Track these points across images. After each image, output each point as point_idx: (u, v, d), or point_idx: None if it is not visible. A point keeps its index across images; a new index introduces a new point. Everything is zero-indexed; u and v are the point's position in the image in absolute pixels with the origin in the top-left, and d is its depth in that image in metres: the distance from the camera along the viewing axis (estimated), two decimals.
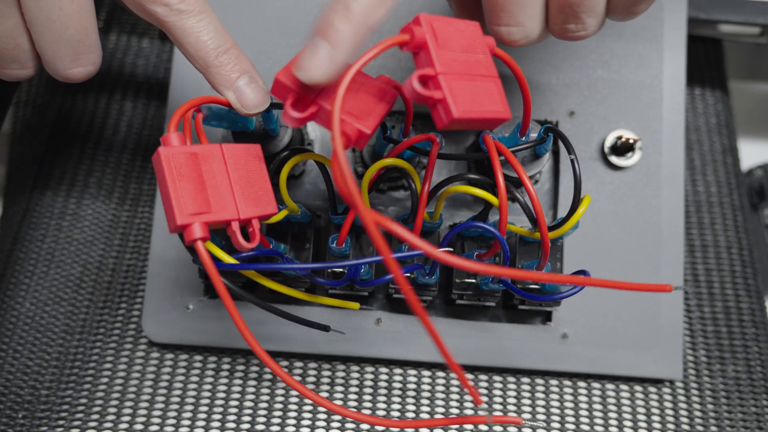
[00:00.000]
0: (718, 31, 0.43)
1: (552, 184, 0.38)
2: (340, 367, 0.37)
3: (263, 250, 0.31)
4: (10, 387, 0.37)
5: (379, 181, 0.31)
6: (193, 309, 0.36)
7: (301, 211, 0.32)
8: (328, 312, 0.36)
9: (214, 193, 0.25)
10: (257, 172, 0.27)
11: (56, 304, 0.39)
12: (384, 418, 0.36)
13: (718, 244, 0.42)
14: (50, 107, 0.45)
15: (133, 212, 0.42)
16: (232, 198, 0.26)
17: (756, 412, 0.38)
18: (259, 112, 0.28)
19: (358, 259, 0.28)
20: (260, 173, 0.28)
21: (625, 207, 0.37)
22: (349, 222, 0.30)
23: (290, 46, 0.37)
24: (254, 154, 0.28)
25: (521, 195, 0.30)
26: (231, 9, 0.38)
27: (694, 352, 0.39)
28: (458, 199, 0.38)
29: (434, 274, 0.32)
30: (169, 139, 0.25)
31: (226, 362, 0.37)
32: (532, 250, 0.34)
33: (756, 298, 0.41)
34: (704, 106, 0.46)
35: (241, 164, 0.27)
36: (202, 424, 0.36)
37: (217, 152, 0.26)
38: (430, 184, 0.28)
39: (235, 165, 0.26)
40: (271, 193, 0.28)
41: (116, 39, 0.47)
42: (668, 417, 0.37)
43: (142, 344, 0.38)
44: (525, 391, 0.37)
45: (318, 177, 0.38)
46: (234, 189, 0.26)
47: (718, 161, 0.44)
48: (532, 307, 0.35)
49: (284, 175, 0.29)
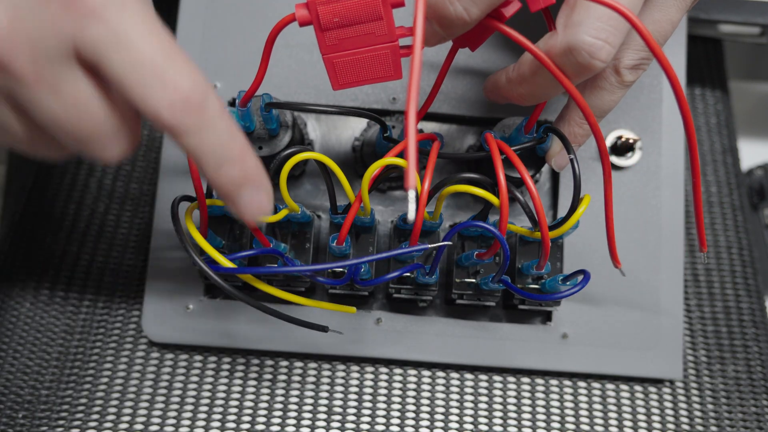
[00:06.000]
0: (718, 31, 0.43)
1: (552, 184, 0.38)
2: (340, 367, 0.37)
3: (263, 250, 0.31)
4: (10, 387, 0.37)
5: (379, 181, 0.31)
6: (193, 309, 0.36)
7: (301, 211, 0.32)
8: (328, 312, 0.36)
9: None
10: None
11: (56, 304, 0.39)
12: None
13: (718, 244, 0.42)
14: None
15: (133, 212, 0.42)
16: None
17: (756, 412, 0.38)
18: (261, 219, 0.26)
19: (358, 259, 0.28)
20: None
21: (625, 207, 0.37)
22: (349, 222, 0.30)
23: (290, 47, 0.37)
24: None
25: (521, 194, 0.30)
26: (231, 9, 0.38)
27: (694, 352, 0.39)
28: (458, 199, 0.38)
29: (434, 274, 0.32)
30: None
31: (226, 362, 0.37)
32: (532, 249, 0.34)
33: (756, 298, 0.41)
34: (704, 106, 0.46)
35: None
36: (202, 424, 0.36)
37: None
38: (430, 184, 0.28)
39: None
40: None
41: None
42: (668, 417, 0.37)
43: (142, 344, 0.38)
44: (525, 391, 0.37)
45: (318, 177, 0.38)
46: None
47: (718, 161, 0.44)
48: (532, 307, 0.35)
49: (284, 175, 0.29)
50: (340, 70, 0.27)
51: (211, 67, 0.37)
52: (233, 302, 0.36)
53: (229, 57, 0.37)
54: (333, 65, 0.27)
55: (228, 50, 0.38)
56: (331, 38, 0.26)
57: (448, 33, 0.26)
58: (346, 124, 0.38)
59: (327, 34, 0.26)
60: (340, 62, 0.27)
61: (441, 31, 0.26)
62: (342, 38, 0.26)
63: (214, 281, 0.28)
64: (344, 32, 0.26)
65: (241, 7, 0.38)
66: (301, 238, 0.34)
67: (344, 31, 0.26)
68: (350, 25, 0.25)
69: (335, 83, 0.28)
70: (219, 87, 0.37)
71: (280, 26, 0.26)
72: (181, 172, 0.37)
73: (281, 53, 0.38)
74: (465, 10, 0.25)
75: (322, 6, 0.25)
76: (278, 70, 0.37)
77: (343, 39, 0.26)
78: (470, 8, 0.25)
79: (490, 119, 0.37)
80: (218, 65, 0.37)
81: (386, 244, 0.36)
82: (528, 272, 0.33)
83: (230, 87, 0.37)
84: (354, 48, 0.26)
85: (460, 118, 0.38)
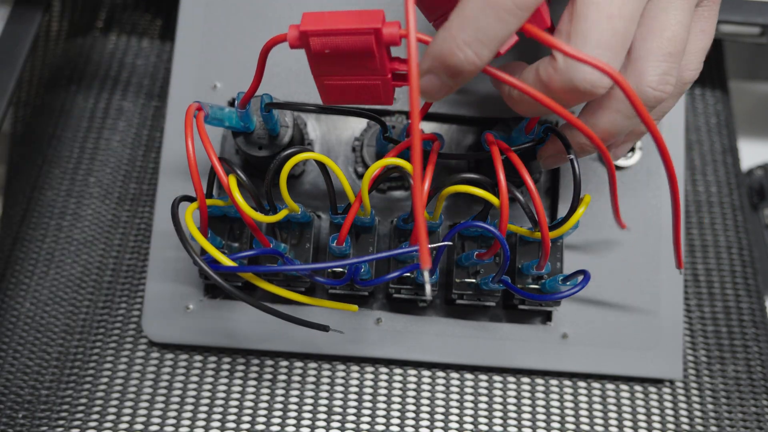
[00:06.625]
0: (719, 31, 0.43)
1: (552, 184, 0.38)
2: (340, 367, 0.37)
3: (263, 250, 0.31)
4: (10, 387, 0.37)
5: (379, 181, 0.31)
6: (193, 309, 0.36)
7: (301, 211, 0.32)
8: (328, 311, 0.36)
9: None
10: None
11: (56, 304, 0.39)
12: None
13: (718, 244, 0.42)
14: (50, 107, 0.45)
15: (133, 212, 0.42)
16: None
17: (756, 412, 0.38)
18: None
19: (357, 259, 0.28)
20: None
21: (625, 207, 0.37)
22: (349, 222, 0.30)
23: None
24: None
25: (521, 195, 0.30)
26: (231, 9, 0.38)
27: (694, 352, 0.39)
28: (458, 199, 0.38)
29: (434, 274, 0.32)
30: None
31: (226, 362, 0.37)
32: (532, 249, 0.34)
33: (756, 298, 0.41)
34: (704, 106, 0.46)
35: None
36: (202, 424, 0.36)
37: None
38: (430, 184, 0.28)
39: None
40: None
41: (116, 39, 0.47)
42: (668, 417, 0.37)
43: (142, 344, 0.38)
44: (525, 391, 0.37)
45: (318, 177, 0.38)
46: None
47: (718, 161, 0.44)
48: (532, 307, 0.35)
49: (284, 175, 0.29)
50: (330, 91, 0.27)
51: (211, 67, 0.37)
52: (233, 302, 0.36)
53: (229, 57, 0.37)
54: (323, 87, 0.26)
55: (228, 50, 0.38)
56: (323, 64, 0.25)
57: (458, 82, 0.24)
58: (346, 124, 0.38)
59: (318, 60, 0.25)
60: (331, 85, 0.26)
61: (450, 81, 0.24)
62: (333, 65, 0.25)
63: (215, 281, 0.28)
64: (336, 61, 0.25)
65: (240, 8, 0.38)
66: (301, 238, 0.34)
67: (336, 59, 0.25)
68: (342, 56, 0.24)
69: (325, 101, 0.27)
70: (219, 87, 0.37)
71: (271, 43, 0.26)
72: (181, 172, 0.37)
73: (281, 53, 0.37)
74: (476, 54, 0.23)
75: (314, 38, 0.24)
76: (278, 70, 0.37)
77: (334, 66, 0.25)
78: (480, 51, 0.23)
79: (490, 119, 0.37)
80: (218, 65, 0.37)
81: (386, 244, 0.36)
82: (528, 272, 0.33)
83: (230, 87, 0.37)
84: (345, 75, 0.25)
85: (460, 118, 0.38)
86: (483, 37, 0.23)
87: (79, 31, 0.48)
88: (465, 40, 0.23)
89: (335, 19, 0.24)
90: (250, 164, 0.36)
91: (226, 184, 0.29)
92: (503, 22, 0.23)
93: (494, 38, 0.23)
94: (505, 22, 0.23)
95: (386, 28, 0.24)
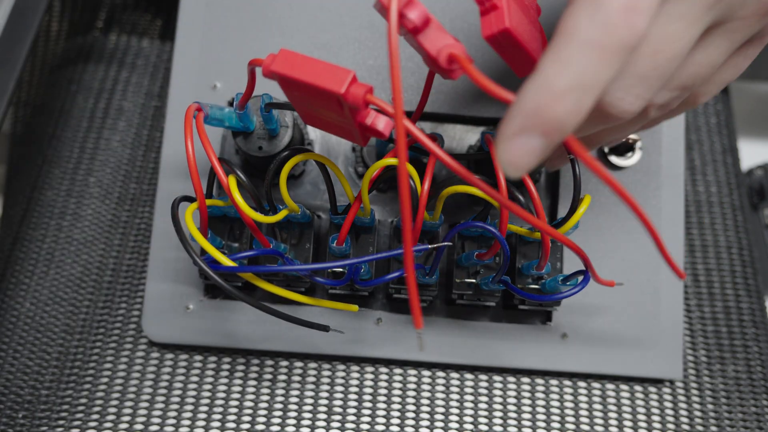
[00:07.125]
0: None
1: (552, 184, 0.38)
2: (340, 367, 0.37)
3: (263, 250, 0.31)
4: (10, 387, 0.37)
5: (380, 181, 0.31)
6: (193, 309, 0.36)
7: (301, 211, 0.32)
8: (328, 311, 0.36)
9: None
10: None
11: (56, 304, 0.39)
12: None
13: (718, 244, 0.42)
14: (50, 107, 0.45)
15: (133, 212, 0.42)
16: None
17: (756, 412, 0.38)
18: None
19: (357, 259, 0.28)
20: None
21: (625, 207, 0.37)
22: (349, 222, 0.30)
23: (290, 47, 0.37)
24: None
25: (522, 195, 0.30)
26: (231, 9, 0.38)
27: (694, 352, 0.39)
28: (458, 199, 0.38)
29: (434, 274, 0.32)
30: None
31: (226, 362, 0.37)
32: (532, 249, 0.34)
33: (756, 298, 0.41)
34: (704, 106, 0.46)
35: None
36: (202, 424, 0.36)
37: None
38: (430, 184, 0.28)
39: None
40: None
41: (116, 39, 0.47)
42: (668, 417, 0.37)
43: (142, 344, 0.38)
44: (525, 391, 0.37)
45: (318, 177, 0.38)
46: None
47: (718, 161, 0.44)
48: (532, 307, 0.35)
49: (284, 175, 0.29)
50: (307, 118, 0.26)
51: (211, 67, 0.37)
52: (233, 302, 0.36)
53: (229, 57, 0.37)
54: (300, 112, 0.26)
55: (228, 50, 0.38)
56: (295, 98, 0.25)
57: (554, 142, 0.20)
58: None
59: (289, 93, 0.25)
60: (307, 114, 0.26)
61: (545, 143, 0.20)
62: (305, 101, 0.24)
63: (215, 281, 0.28)
64: (307, 99, 0.24)
65: (240, 8, 0.38)
66: (301, 238, 0.34)
67: (306, 98, 0.24)
68: (311, 98, 0.24)
69: (305, 121, 0.27)
70: (219, 87, 0.37)
71: (254, 63, 0.26)
72: (181, 172, 0.37)
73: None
74: (578, 103, 0.20)
75: (281, 78, 0.23)
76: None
77: (306, 101, 0.24)
78: (583, 99, 0.20)
79: (490, 119, 0.37)
80: (218, 65, 0.37)
81: (386, 244, 0.36)
82: (528, 272, 0.33)
83: (230, 87, 0.37)
84: (319, 108, 0.24)
85: (460, 118, 0.38)
86: (586, 82, 0.20)
87: (79, 31, 0.48)
88: (564, 89, 0.20)
89: (307, 68, 0.23)
90: (249, 164, 0.36)
91: (226, 185, 0.29)
92: (607, 64, 0.20)
93: (598, 84, 0.20)
94: (608, 64, 0.20)
95: (352, 91, 0.22)
